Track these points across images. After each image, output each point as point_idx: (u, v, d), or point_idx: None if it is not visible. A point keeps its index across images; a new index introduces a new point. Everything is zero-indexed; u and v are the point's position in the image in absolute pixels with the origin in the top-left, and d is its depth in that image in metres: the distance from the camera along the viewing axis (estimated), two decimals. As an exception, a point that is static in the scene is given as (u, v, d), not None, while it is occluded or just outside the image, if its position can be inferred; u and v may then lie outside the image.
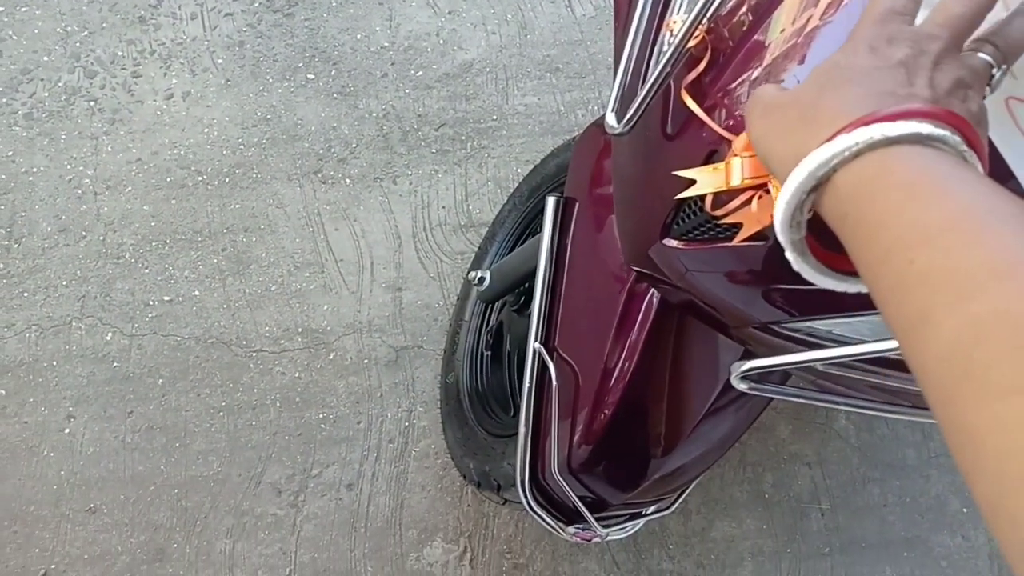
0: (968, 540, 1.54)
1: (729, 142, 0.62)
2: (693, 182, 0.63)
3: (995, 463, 0.27)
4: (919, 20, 0.43)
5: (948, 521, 1.56)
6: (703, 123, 0.66)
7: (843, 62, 0.42)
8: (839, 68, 0.42)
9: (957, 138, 0.36)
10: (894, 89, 0.39)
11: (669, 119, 0.72)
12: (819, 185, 0.38)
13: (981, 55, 0.42)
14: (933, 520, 1.55)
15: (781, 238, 0.42)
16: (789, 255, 0.43)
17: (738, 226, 0.61)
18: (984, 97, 0.42)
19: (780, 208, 0.40)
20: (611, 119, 0.74)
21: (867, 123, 0.37)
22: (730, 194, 0.60)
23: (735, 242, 0.63)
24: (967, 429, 0.28)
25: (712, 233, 0.68)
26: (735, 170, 0.59)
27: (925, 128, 0.36)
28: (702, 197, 0.64)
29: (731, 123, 0.64)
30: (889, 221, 0.34)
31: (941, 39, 0.40)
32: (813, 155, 0.38)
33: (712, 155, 0.66)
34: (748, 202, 0.59)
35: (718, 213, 0.62)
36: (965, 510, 1.56)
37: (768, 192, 0.57)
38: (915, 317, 0.32)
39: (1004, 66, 0.42)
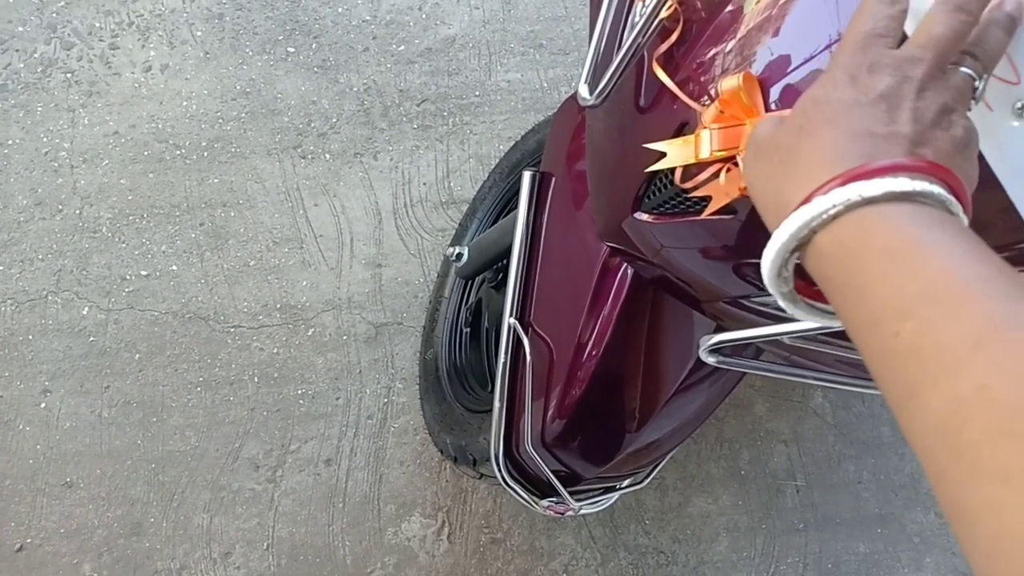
0: (941, 517, 1.57)
1: (699, 114, 0.62)
2: (663, 155, 0.63)
3: (988, 544, 0.27)
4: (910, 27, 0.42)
5: (922, 498, 1.58)
6: (674, 95, 0.65)
7: (822, 97, 0.41)
8: (818, 104, 0.40)
9: (937, 188, 0.35)
10: (873, 128, 0.38)
11: (641, 91, 0.72)
12: (801, 245, 0.38)
13: (963, 70, 0.41)
14: (907, 497, 1.57)
15: (771, 290, 0.41)
16: (781, 303, 0.42)
17: (707, 199, 0.61)
18: (969, 110, 0.41)
19: (766, 266, 0.39)
20: (583, 90, 0.74)
21: (843, 182, 0.36)
22: (699, 167, 0.60)
23: (704, 215, 0.63)
24: (961, 506, 0.28)
25: (682, 207, 0.68)
26: (704, 142, 0.58)
27: (902, 184, 0.35)
28: (672, 170, 0.64)
29: (702, 95, 0.64)
30: (871, 289, 0.34)
31: (924, 62, 0.39)
32: (792, 217, 0.37)
33: (683, 128, 0.66)
34: (716, 175, 0.59)
35: (687, 186, 0.62)
36: (938, 487, 1.58)
37: (736, 165, 0.57)
38: (904, 390, 0.32)
39: (985, 76, 0.41)
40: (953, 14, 0.40)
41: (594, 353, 0.93)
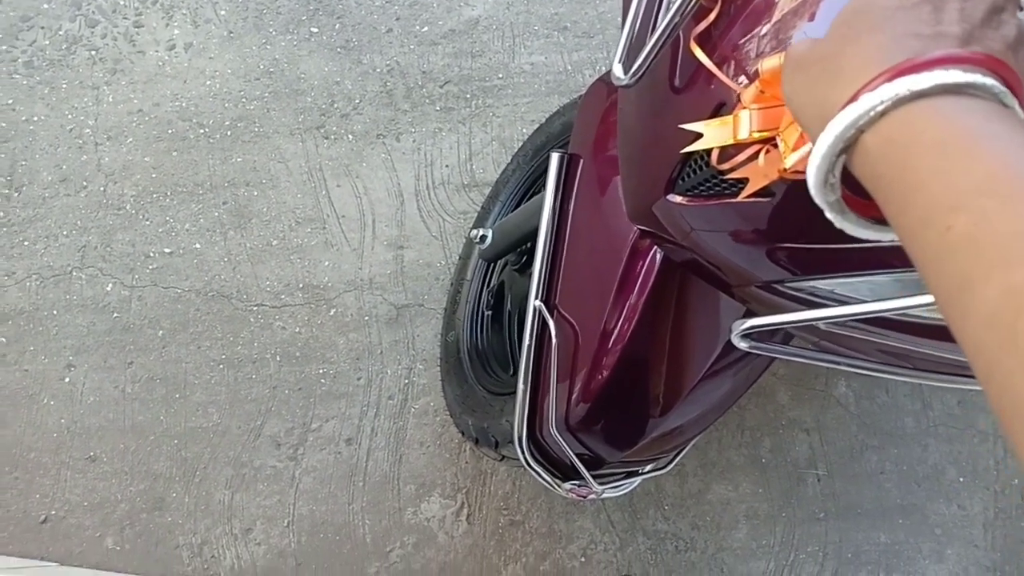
0: (964, 509, 1.55)
1: (738, 95, 0.60)
2: (700, 136, 0.62)
3: None
4: None
5: (944, 490, 1.56)
6: (711, 75, 0.64)
7: (864, 5, 0.39)
8: (860, 13, 0.39)
9: (991, 80, 0.34)
10: (919, 30, 0.36)
11: (677, 71, 0.71)
12: (848, 147, 0.36)
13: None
14: (929, 488, 1.56)
15: (817, 200, 0.40)
16: (829, 215, 0.41)
17: (744, 181, 0.60)
18: (1021, 9, 0.39)
19: (812, 172, 0.38)
20: (618, 70, 0.73)
21: (891, 77, 0.34)
22: (737, 148, 0.59)
23: (740, 198, 0.62)
24: (1013, 398, 0.28)
25: (717, 189, 0.67)
26: (743, 123, 0.57)
27: (954, 76, 0.33)
28: (708, 151, 0.63)
29: (740, 76, 0.63)
30: (923, 184, 0.32)
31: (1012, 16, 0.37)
32: (838, 117, 0.36)
33: (720, 108, 0.65)
34: (755, 156, 0.58)
35: (724, 167, 0.61)
36: (962, 479, 1.56)
37: (775, 147, 0.56)
38: (955, 284, 0.31)
39: None
40: None
41: (620, 337, 0.93)
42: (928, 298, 0.57)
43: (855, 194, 0.40)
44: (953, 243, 0.31)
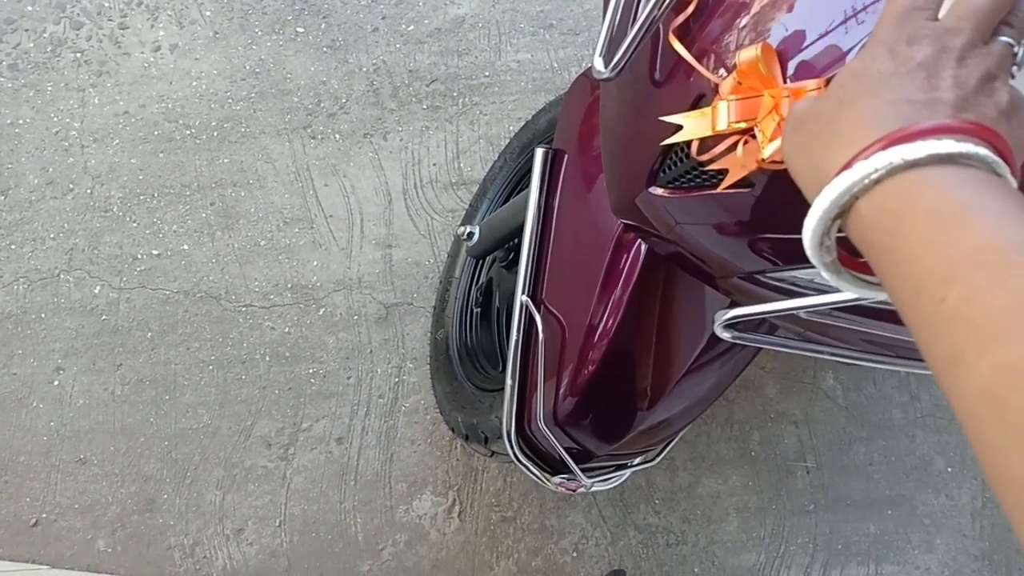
0: (952, 499, 1.56)
1: (716, 86, 0.61)
2: (679, 127, 0.63)
3: None
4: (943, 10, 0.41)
5: (932, 480, 1.57)
6: (691, 68, 0.65)
7: (860, 69, 0.40)
8: (856, 76, 0.39)
9: (983, 150, 0.34)
10: (913, 96, 0.36)
11: (657, 64, 0.71)
12: (843, 212, 0.37)
13: (1001, 39, 0.39)
14: (918, 479, 1.57)
15: (813, 261, 0.40)
16: (825, 275, 0.41)
17: (724, 173, 0.61)
18: (1012, 77, 0.40)
19: (807, 235, 0.38)
20: (598, 64, 0.73)
21: (885, 145, 0.35)
22: (716, 140, 0.60)
23: (720, 189, 0.63)
24: (1007, 475, 0.28)
25: (698, 180, 0.67)
26: (721, 114, 0.58)
27: (947, 146, 0.34)
28: (688, 143, 0.64)
29: (718, 68, 0.63)
30: (916, 255, 0.33)
31: (964, 32, 0.38)
32: (833, 184, 0.36)
33: (699, 100, 0.65)
34: (733, 147, 0.59)
35: (704, 158, 0.61)
36: (950, 469, 1.57)
37: (754, 137, 0.57)
38: (949, 356, 0.31)
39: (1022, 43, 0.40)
40: None
41: (606, 331, 0.93)
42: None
43: (850, 252, 0.40)
44: (946, 316, 0.31)
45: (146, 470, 1.51)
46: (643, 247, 0.90)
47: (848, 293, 0.63)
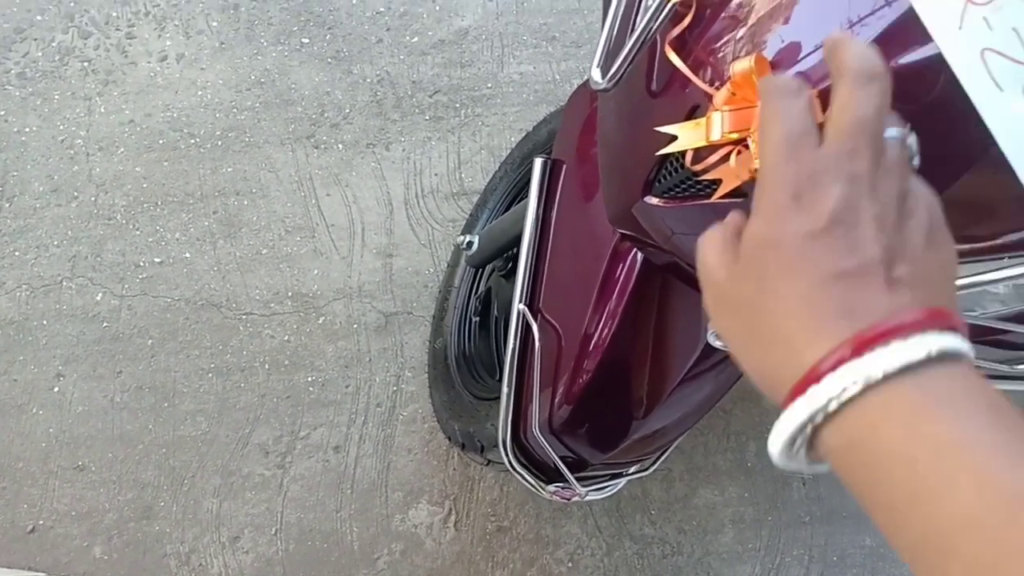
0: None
1: (710, 97, 0.62)
2: (675, 138, 0.64)
3: None
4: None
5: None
6: (686, 79, 0.66)
7: (771, 236, 0.35)
8: (769, 248, 0.35)
9: (938, 344, 0.31)
10: (838, 265, 0.33)
11: (654, 75, 0.72)
12: (806, 435, 0.34)
13: (890, 137, 0.36)
14: (914, 493, 1.57)
15: (780, 467, 0.37)
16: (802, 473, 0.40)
17: (718, 183, 0.62)
18: (917, 168, 0.39)
19: (774, 456, 0.36)
20: (596, 74, 0.74)
21: (834, 365, 0.32)
22: (710, 150, 0.61)
23: (714, 198, 0.63)
24: None
25: (693, 190, 0.68)
26: (715, 124, 0.59)
27: (899, 356, 0.31)
28: (683, 153, 0.65)
29: (714, 80, 0.64)
30: (901, 512, 0.30)
31: (861, 152, 0.34)
32: (787, 416, 0.33)
33: (694, 111, 0.66)
34: (727, 158, 0.59)
35: (698, 168, 0.62)
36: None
37: (747, 147, 0.57)
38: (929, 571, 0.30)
39: (907, 127, 0.38)
40: (870, 87, 0.35)
41: (602, 340, 0.94)
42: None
43: None
44: (925, 552, 0.29)
45: (144, 477, 1.51)
46: (639, 257, 0.90)
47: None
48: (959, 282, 0.51)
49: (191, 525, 1.49)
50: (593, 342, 0.93)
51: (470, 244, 1.28)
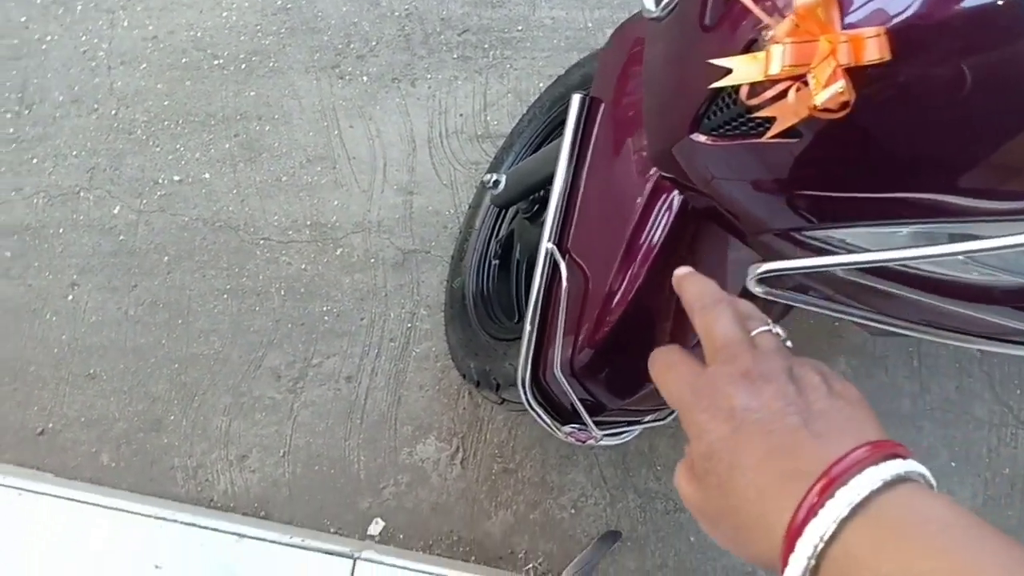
0: (953, 494, 1.57)
1: (770, 30, 0.60)
2: (729, 71, 0.62)
3: None
4: None
5: (936, 474, 1.53)
6: (744, 11, 0.64)
7: (703, 448, 0.41)
8: (708, 459, 0.40)
9: (870, 471, 0.35)
10: (767, 446, 0.38)
11: (708, 6, 0.70)
12: None
13: (759, 335, 0.45)
14: (918, 467, 1.57)
15: None
16: None
17: (771, 121, 0.60)
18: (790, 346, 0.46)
19: None
20: (648, 2, 0.72)
21: (800, 526, 0.35)
22: (766, 85, 0.59)
23: (766, 138, 0.62)
24: None
25: (744, 128, 0.66)
26: (775, 57, 0.57)
27: (850, 496, 0.34)
28: (736, 88, 0.63)
29: (773, 13, 0.62)
30: None
31: (740, 354, 0.42)
32: None
33: (751, 45, 0.64)
34: (784, 94, 0.58)
35: (753, 103, 0.61)
36: (953, 464, 1.57)
37: (806, 84, 0.56)
38: None
39: (770, 321, 0.46)
40: (716, 309, 0.46)
41: (631, 284, 0.93)
42: (944, 248, 0.57)
43: None
44: None
45: (154, 390, 1.52)
46: (676, 200, 0.89)
47: (891, 253, 0.62)
48: (1006, 241, 0.51)
49: (200, 440, 1.51)
50: (622, 286, 0.92)
51: (496, 183, 1.26)
